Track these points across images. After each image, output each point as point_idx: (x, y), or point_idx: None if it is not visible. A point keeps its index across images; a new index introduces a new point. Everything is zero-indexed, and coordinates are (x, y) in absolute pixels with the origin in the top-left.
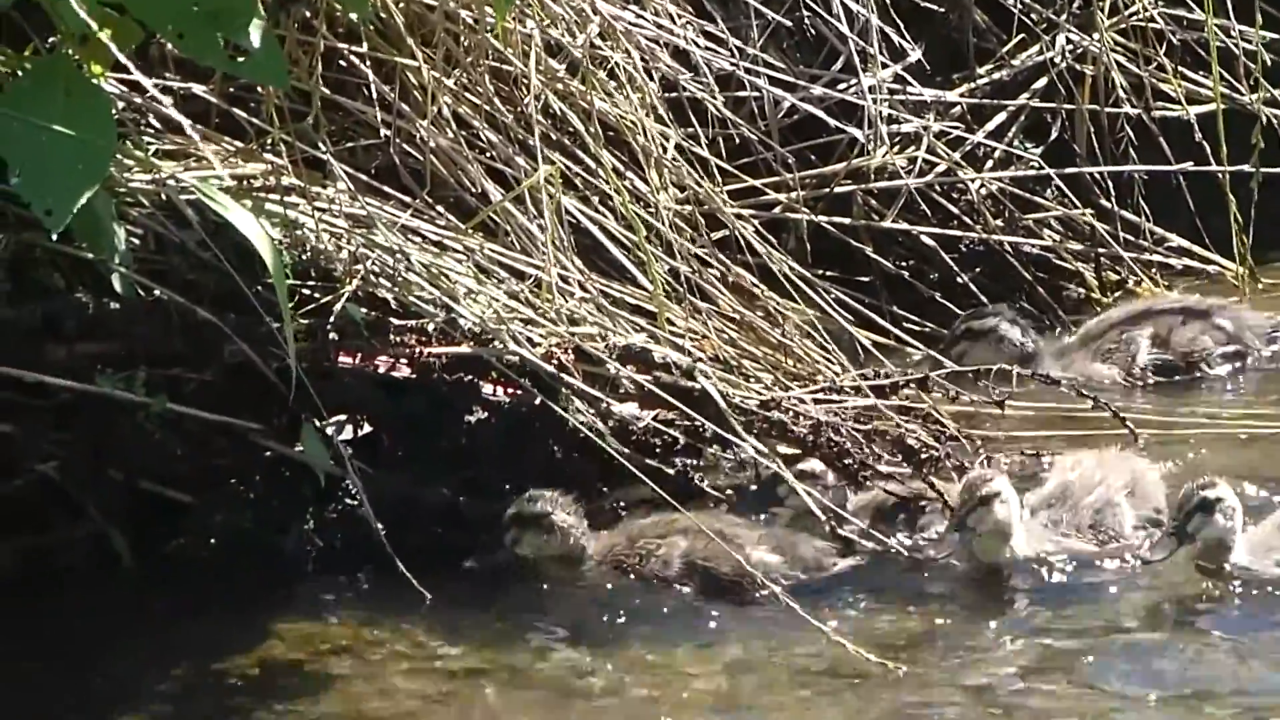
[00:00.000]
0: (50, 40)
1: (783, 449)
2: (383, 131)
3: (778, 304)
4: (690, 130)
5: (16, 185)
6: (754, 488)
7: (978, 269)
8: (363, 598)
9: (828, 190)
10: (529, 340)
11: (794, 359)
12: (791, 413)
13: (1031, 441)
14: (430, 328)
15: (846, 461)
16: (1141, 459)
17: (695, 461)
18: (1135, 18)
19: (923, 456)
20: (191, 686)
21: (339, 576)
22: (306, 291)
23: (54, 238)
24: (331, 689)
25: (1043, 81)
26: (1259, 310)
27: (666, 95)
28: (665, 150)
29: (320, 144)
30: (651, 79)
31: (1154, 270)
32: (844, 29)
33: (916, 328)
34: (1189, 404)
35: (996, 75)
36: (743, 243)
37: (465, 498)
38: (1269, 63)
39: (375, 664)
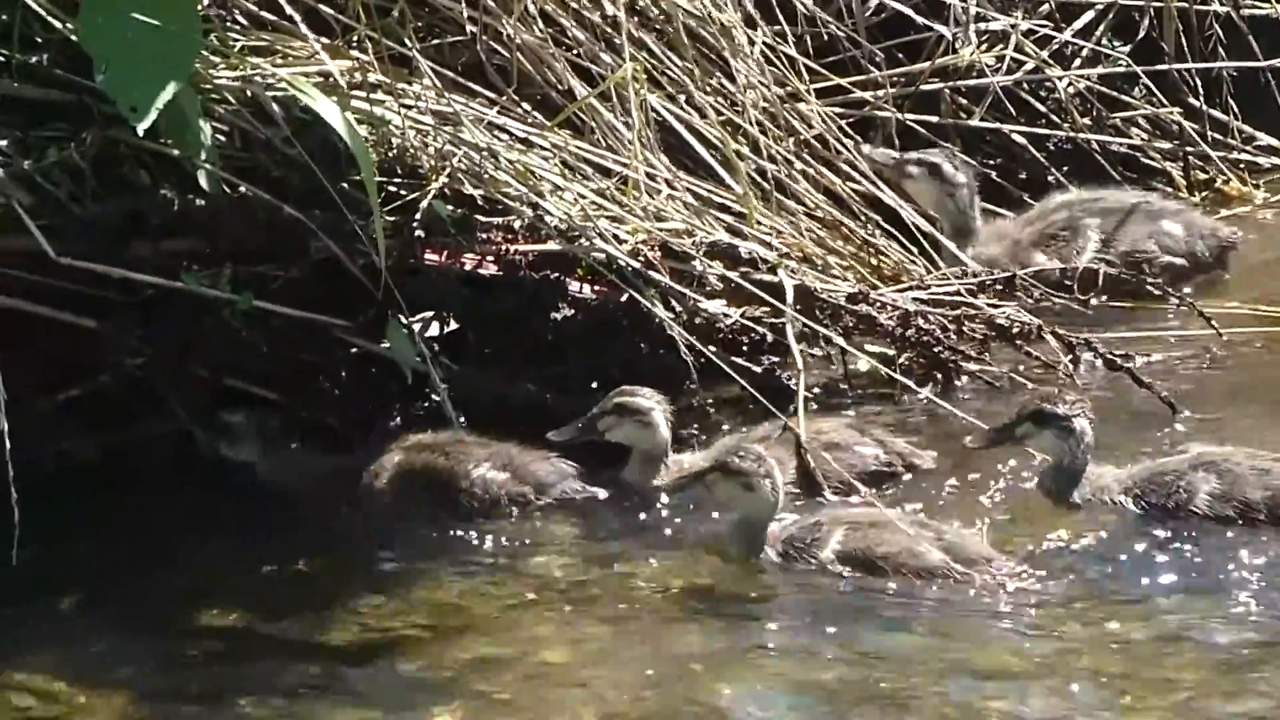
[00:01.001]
0: None
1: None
2: (469, 28)
3: (861, 204)
4: (778, 28)
5: (102, 82)
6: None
7: (1065, 168)
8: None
9: (914, 88)
10: (615, 237)
11: (880, 258)
12: (879, 304)
13: (1114, 341)
14: (517, 225)
15: (936, 350)
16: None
17: (782, 359)
18: None
19: (1015, 332)
20: (268, 579)
21: None
22: (393, 189)
23: (140, 134)
24: (410, 586)
25: None
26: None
27: None
28: (752, 48)
29: (406, 40)
30: None
31: (1242, 168)
32: None
33: None
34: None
35: None
36: (830, 142)
37: (552, 394)
38: None
39: (458, 560)
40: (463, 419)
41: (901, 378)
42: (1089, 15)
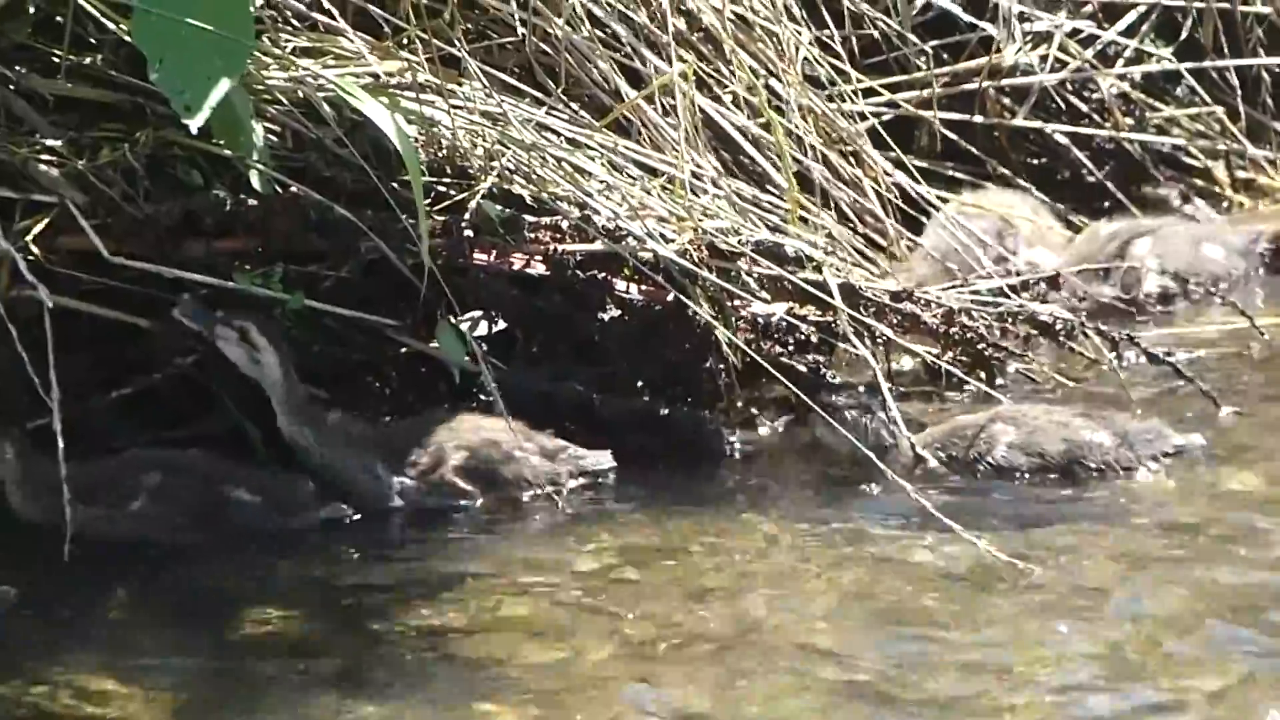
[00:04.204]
0: None
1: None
2: (519, 29)
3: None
4: (827, 31)
5: (156, 80)
6: None
7: (1107, 168)
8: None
9: (969, 86)
10: (663, 236)
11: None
12: (923, 302)
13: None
14: (565, 224)
15: (980, 347)
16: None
17: (827, 358)
18: None
19: (1058, 330)
20: (319, 579)
21: None
22: (442, 188)
23: (193, 133)
24: (458, 591)
25: None
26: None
27: None
28: (798, 49)
29: (456, 41)
30: None
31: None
32: None
33: None
34: None
35: None
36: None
37: (599, 394)
38: None
39: (505, 565)
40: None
41: (953, 367)
42: (1132, 15)
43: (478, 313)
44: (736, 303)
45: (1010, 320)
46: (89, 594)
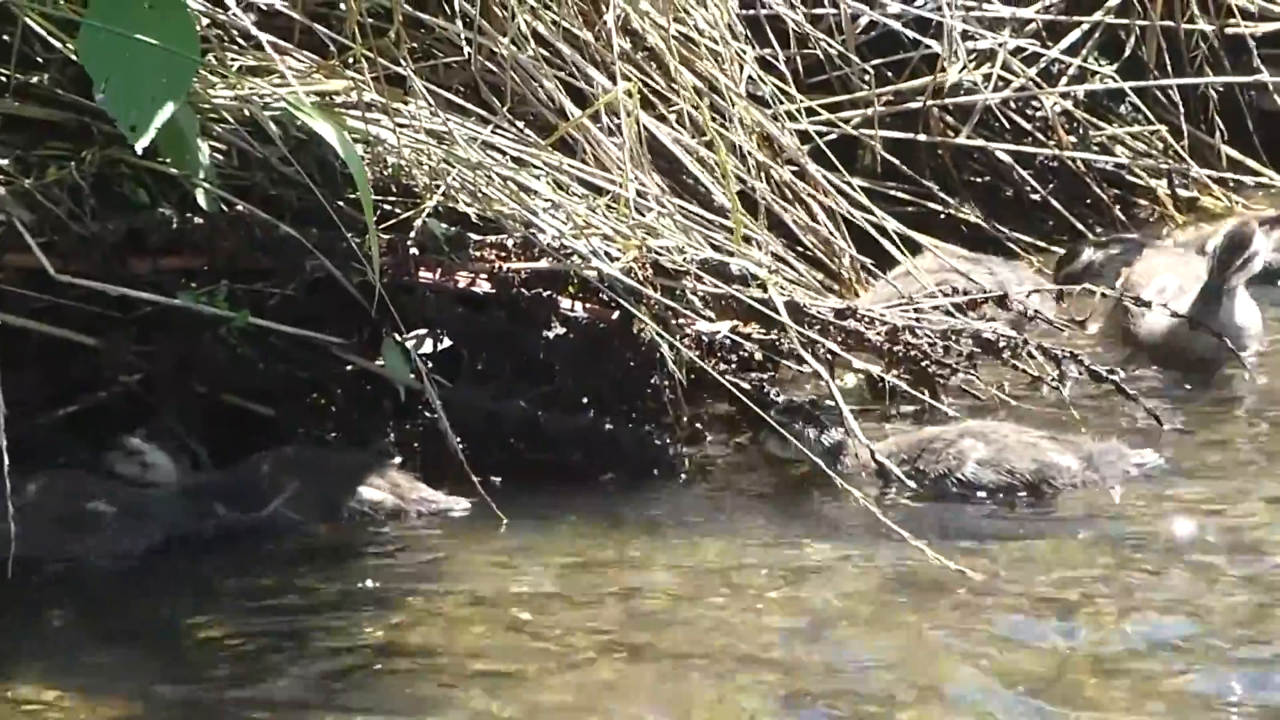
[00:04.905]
0: None
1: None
2: (464, 49)
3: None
4: (770, 51)
5: (102, 100)
6: None
7: (1051, 186)
8: (441, 514)
9: (912, 104)
10: (608, 255)
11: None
12: (867, 320)
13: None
14: (510, 242)
15: (924, 365)
16: None
17: (771, 375)
18: None
19: (1001, 346)
20: (260, 601)
21: None
22: (388, 207)
23: (139, 153)
24: (404, 610)
25: None
26: None
27: (744, 12)
28: (742, 68)
29: (401, 60)
30: None
31: (1230, 186)
32: None
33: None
34: None
35: None
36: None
37: (544, 412)
38: None
39: (451, 582)
40: (457, 437)
41: (900, 383)
42: (1076, 34)
43: (423, 330)
44: (681, 320)
45: (954, 338)
46: (31, 609)
